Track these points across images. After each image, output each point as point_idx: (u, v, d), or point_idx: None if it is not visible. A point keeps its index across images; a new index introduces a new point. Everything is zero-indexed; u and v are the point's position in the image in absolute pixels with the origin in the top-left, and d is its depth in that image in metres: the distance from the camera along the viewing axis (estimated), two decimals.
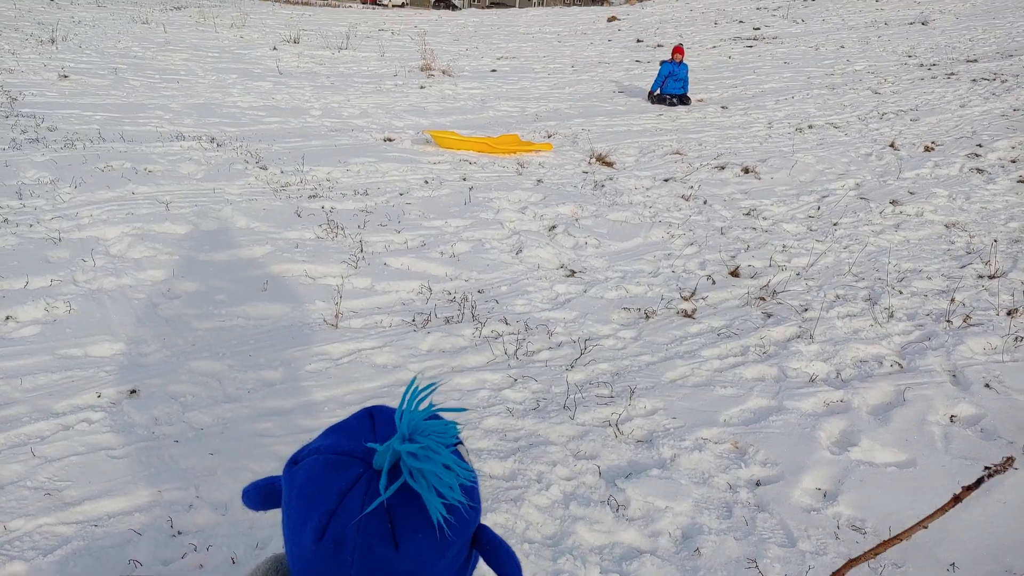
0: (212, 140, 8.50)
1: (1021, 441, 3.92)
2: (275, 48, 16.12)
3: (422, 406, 0.90)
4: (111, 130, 8.50)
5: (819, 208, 8.11)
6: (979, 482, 2.48)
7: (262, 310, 4.94)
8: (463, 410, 1.01)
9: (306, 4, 33.65)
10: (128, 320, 4.64)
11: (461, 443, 0.96)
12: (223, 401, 3.98)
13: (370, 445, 0.88)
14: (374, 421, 0.94)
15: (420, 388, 0.92)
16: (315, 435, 0.97)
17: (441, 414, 0.92)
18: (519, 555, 2.91)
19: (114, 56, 13.37)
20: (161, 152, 7.80)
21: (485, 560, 0.97)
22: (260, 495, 0.99)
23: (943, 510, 2.53)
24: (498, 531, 3.04)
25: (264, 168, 7.58)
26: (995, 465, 2.47)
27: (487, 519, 3.09)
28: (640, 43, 21.16)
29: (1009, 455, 2.66)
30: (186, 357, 4.33)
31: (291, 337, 4.66)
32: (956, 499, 2.49)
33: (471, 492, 0.92)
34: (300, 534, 0.87)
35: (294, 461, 0.92)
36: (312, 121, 10.19)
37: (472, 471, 0.93)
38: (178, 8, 23.84)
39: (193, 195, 6.70)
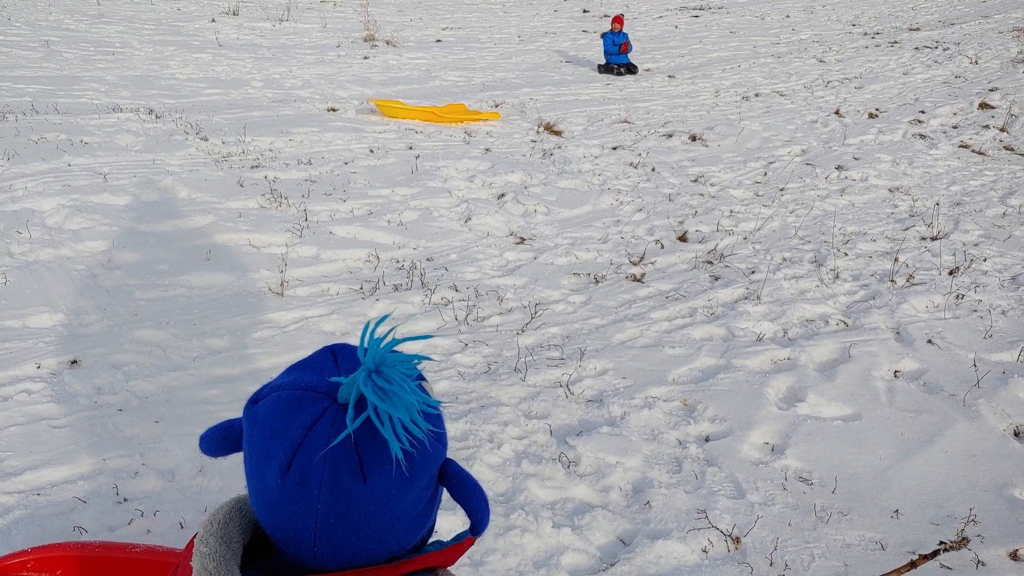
0: (151, 112, 8.25)
1: (962, 393, 4.02)
2: (214, 20, 15.69)
3: (385, 341, 0.87)
4: (44, 102, 8.19)
5: (766, 174, 8.19)
6: (935, 553, 2.64)
7: (206, 279, 4.83)
8: (428, 336, 0.98)
9: None
10: (67, 291, 4.50)
11: (424, 379, 0.94)
12: (168, 370, 3.89)
13: (334, 379, 0.87)
14: (336, 357, 0.92)
15: (378, 324, 0.90)
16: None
17: (405, 345, 0.90)
18: None
19: (45, 28, 12.87)
20: (97, 124, 7.54)
21: (451, 494, 0.95)
22: (218, 438, 0.95)
23: (898, 572, 2.66)
24: None
25: (205, 139, 7.38)
26: (951, 542, 2.66)
27: None
28: (587, 13, 21.08)
29: (964, 536, 2.79)
30: (128, 327, 4.22)
31: (236, 306, 4.56)
32: (912, 564, 2.61)
33: (436, 421, 0.90)
34: (264, 471, 0.84)
35: (254, 400, 0.89)
36: (254, 92, 9.95)
37: (436, 402, 0.90)
38: None
39: (132, 166, 6.50)
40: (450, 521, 2.64)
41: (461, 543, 0.98)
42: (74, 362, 3.83)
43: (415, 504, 0.89)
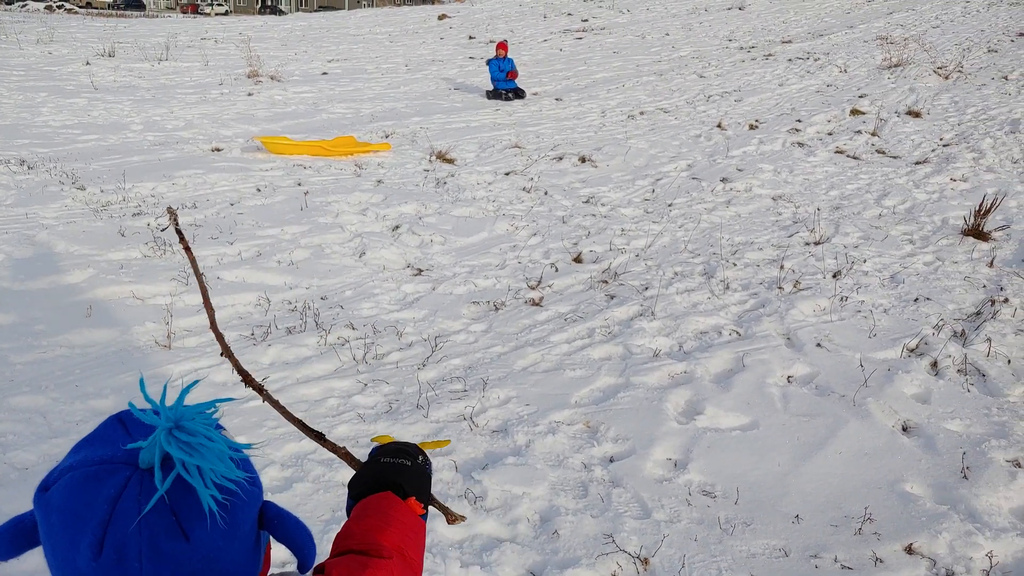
0: (22, 163, 7.85)
1: (851, 394, 4.16)
2: (88, 63, 15.14)
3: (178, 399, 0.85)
4: None
5: (654, 191, 8.38)
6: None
7: (87, 337, 4.60)
8: (228, 400, 0.94)
9: (121, 16, 31.90)
10: None
11: (223, 428, 0.91)
12: (49, 436, 3.67)
13: (131, 446, 0.83)
14: (125, 424, 0.88)
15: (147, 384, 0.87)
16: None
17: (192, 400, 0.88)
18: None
19: None
20: None
21: (275, 537, 0.93)
22: (8, 538, 0.86)
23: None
24: None
25: (82, 188, 7.07)
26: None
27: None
28: (472, 39, 21.28)
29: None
30: (3, 394, 3.97)
31: (120, 363, 4.35)
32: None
33: (246, 466, 0.89)
34: (74, 557, 0.79)
35: (44, 487, 0.83)
36: (133, 136, 9.61)
37: (243, 446, 0.89)
38: None
39: (3, 222, 6.16)
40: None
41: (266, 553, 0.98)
42: None
43: (242, 552, 0.87)
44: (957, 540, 3.06)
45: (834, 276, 5.94)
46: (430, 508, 1.43)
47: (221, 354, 1.72)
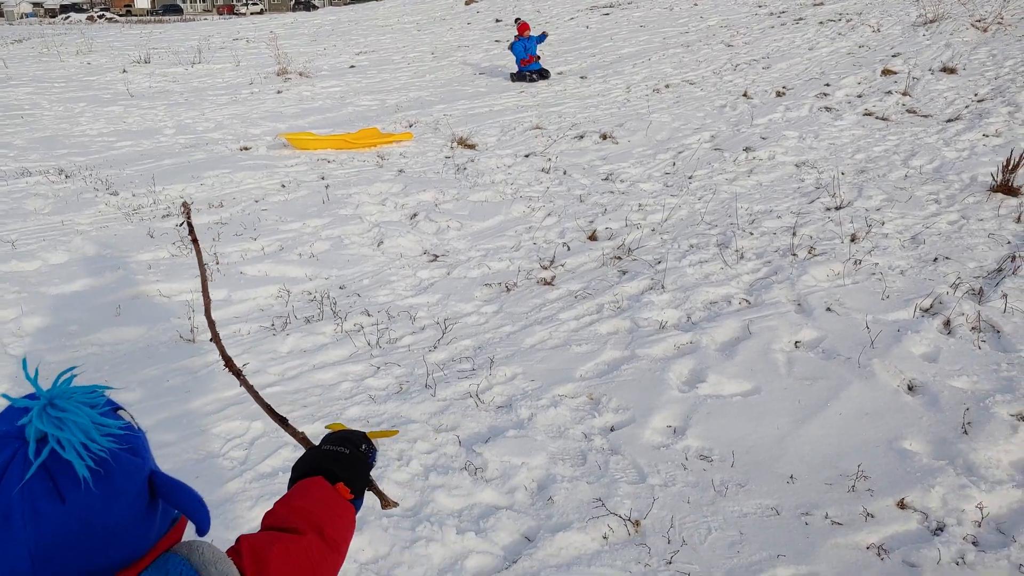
0: (60, 172, 8.16)
1: (856, 355, 4.17)
2: (125, 71, 15.56)
3: (62, 380, 0.98)
4: None
5: (675, 164, 8.38)
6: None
7: (116, 335, 4.82)
8: (105, 387, 1.04)
9: (158, 22, 32.56)
10: None
11: (121, 408, 1.01)
12: None
13: (20, 422, 0.94)
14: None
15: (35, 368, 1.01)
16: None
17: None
18: (377, 530, 2.95)
19: None
20: (4, 191, 7.45)
21: (168, 503, 1.03)
22: None
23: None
24: (362, 511, 3.08)
25: (115, 194, 7.34)
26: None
27: None
28: (499, 23, 21.30)
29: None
30: None
31: (148, 357, 4.56)
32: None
33: (129, 440, 1.00)
34: None
35: None
36: (165, 140, 9.90)
37: (124, 424, 1.01)
38: (19, 41, 22.72)
39: (40, 230, 6.44)
40: None
41: (175, 525, 1.09)
42: None
43: (130, 514, 0.97)
44: (950, 494, 3.09)
45: (852, 239, 5.90)
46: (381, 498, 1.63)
47: (211, 339, 1.88)
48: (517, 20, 14.47)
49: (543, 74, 13.56)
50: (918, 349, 4.27)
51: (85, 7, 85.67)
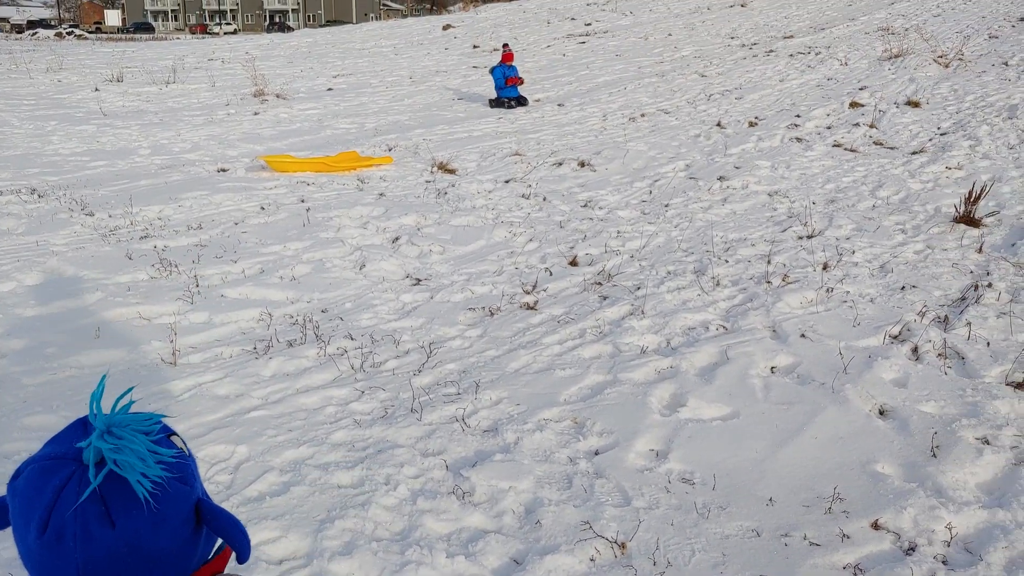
0: (33, 191, 8.12)
1: (830, 381, 4.30)
2: (97, 89, 15.49)
3: (120, 405, 1.03)
4: None
5: (651, 192, 8.54)
6: None
7: (96, 358, 4.81)
8: (160, 416, 1.10)
9: (130, 40, 32.39)
10: None
11: (174, 433, 1.07)
12: None
13: (79, 445, 1.00)
14: (87, 427, 1.05)
15: (105, 391, 1.05)
16: None
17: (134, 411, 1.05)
18: (367, 554, 2.99)
19: None
20: None
21: (212, 531, 1.10)
22: None
23: None
24: (347, 535, 3.12)
25: (91, 214, 7.32)
26: None
27: (335, 526, 3.16)
28: (476, 48, 21.53)
29: None
30: (17, 415, 4.17)
31: (128, 380, 4.55)
32: None
33: (177, 468, 1.05)
34: (26, 534, 0.98)
35: (15, 476, 1.03)
36: (141, 160, 9.88)
37: (176, 452, 1.06)
38: None
39: (14, 251, 6.40)
40: None
41: (221, 553, 1.15)
42: None
43: (174, 541, 1.04)
44: (921, 515, 3.20)
45: (824, 268, 6.06)
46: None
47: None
48: (505, 46, 14.63)
49: (521, 101, 13.74)
50: (888, 375, 4.41)
51: (53, 23, 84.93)
